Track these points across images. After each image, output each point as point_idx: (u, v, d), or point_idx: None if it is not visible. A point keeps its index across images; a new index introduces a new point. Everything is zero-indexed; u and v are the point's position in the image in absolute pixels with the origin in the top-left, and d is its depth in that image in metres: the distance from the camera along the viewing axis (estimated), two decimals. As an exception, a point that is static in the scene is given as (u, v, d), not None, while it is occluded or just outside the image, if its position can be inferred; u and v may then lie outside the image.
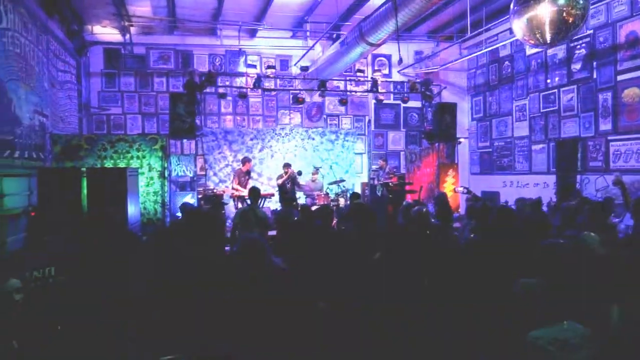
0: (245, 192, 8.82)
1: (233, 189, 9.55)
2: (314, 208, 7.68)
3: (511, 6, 5.88)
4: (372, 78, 10.89)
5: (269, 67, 10.69)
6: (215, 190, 9.46)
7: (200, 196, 9.03)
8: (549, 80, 10.11)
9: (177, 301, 3.03)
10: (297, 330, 2.74)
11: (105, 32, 11.10)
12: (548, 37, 5.53)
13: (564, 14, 5.38)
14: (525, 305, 2.53)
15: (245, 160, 9.88)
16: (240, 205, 9.00)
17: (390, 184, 9.75)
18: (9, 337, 3.14)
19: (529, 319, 2.36)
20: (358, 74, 11.17)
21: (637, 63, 8.06)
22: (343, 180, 10.39)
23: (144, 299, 3.17)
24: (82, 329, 2.93)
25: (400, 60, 8.21)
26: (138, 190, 7.47)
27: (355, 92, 11.81)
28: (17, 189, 6.82)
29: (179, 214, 7.98)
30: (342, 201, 9.83)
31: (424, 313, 2.99)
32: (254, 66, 11.57)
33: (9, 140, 6.42)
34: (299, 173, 10.05)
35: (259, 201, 8.74)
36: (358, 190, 11.44)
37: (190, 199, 8.68)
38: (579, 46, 9.26)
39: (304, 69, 10.85)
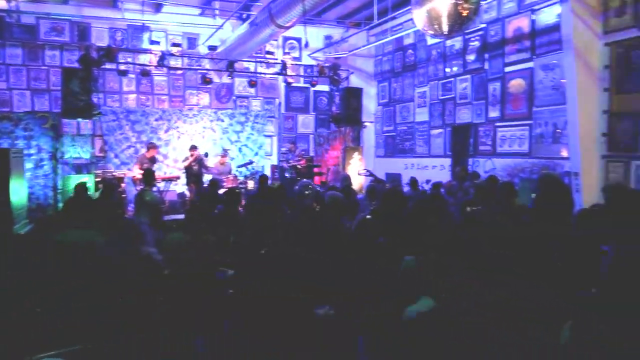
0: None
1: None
2: (221, 191, 7.62)
3: (413, -4, 6.15)
4: (281, 60, 10.87)
5: (174, 44, 10.24)
6: (115, 173, 8.99)
7: (98, 179, 8.54)
8: (447, 70, 10.77)
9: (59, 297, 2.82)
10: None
11: (-15, -4, 9.96)
12: (445, 28, 5.83)
13: (459, 8, 5.74)
14: (406, 281, 2.66)
15: (150, 147, 9.39)
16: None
17: (298, 166, 9.90)
18: None
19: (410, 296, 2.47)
20: (268, 55, 11.08)
21: (521, 57, 8.82)
22: (252, 162, 10.35)
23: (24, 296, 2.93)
24: None
25: (307, 45, 8.30)
26: (24, 174, 6.88)
27: (265, 74, 11.72)
28: None
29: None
30: (250, 184, 9.81)
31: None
32: (159, 43, 11.02)
33: None
34: (205, 155, 9.84)
35: (160, 184, 8.49)
36: (268, 172, 11.48)
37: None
38: (473, 39, 9.94)
39: (212, 48, 10.57)
